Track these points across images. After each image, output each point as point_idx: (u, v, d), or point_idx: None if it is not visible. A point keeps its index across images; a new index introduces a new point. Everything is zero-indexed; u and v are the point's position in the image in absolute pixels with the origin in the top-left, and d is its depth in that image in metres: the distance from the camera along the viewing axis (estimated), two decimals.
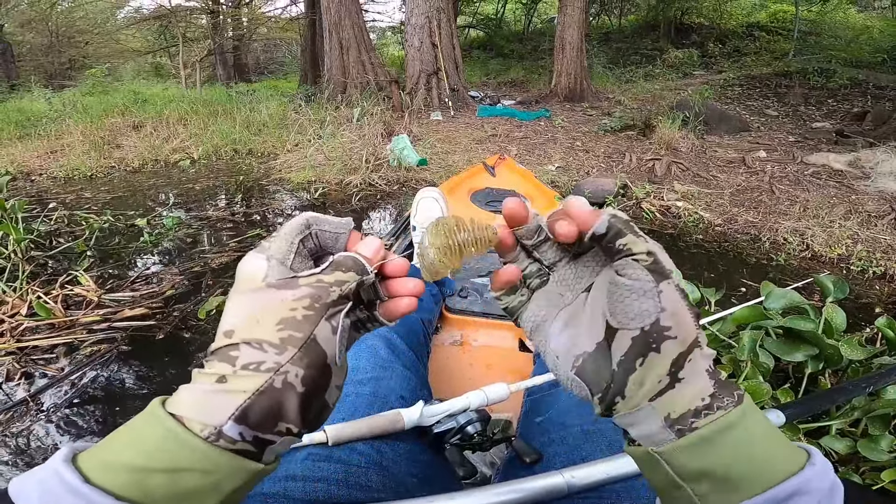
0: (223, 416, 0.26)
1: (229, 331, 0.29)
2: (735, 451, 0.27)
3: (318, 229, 0.34)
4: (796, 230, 2.75)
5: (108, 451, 0.26)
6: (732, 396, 0.27)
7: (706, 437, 0.27)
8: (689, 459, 0.27)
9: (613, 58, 9.87)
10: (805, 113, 6.35)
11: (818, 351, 1.28)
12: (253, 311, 0.29)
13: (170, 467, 0.25)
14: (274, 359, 0.28)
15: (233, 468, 0.27)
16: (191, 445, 0.26)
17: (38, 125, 5.35)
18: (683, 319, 0.28)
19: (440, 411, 0.63)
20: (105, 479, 0.25)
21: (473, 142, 4.77)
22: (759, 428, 0.27)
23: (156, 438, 0.26)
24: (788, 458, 0.27)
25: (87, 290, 2.10)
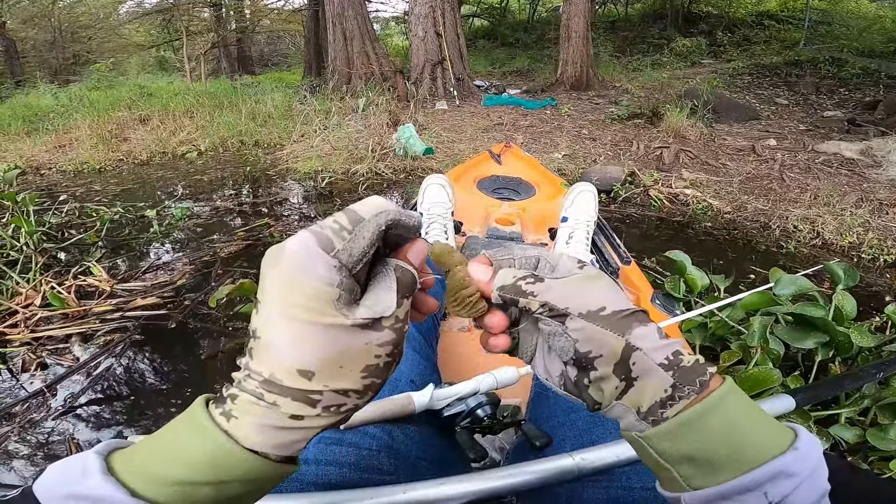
0: (299, 446, 0.28)
1: (307, 372, 0.26)
2: (714, 435, 0.28)
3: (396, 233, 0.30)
4: (807, 218, 2.73)
5: (151, 462, 0.26)
6: (694, 384, 0.29)
7: (682, 423, 0.28)
8: (669, 445, 0.29)
9: (620, 46, 9.74)
10: (816, 102, 6.24)
11: (828, 338, 1.28)
12: (335, 356, 0.27)
13: (217, 479, 0.26)
14: (355, 402, 0.29)
15: (277, 474, 0.28)
16: (240, 459, 0.26)
17: (46, 120, 5.37)
18: (600, 339, 0.31)
19: (450, 394, 0.64)
20: (153, 492, 0.25)
21: (479, 131, 4.74)
22: (740, 412, 0.29)
23: (206, 453, 0.26)
24: (772, 440, 0.28)
25: (99, 281, 2.13)
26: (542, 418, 0.69)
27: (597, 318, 0.31)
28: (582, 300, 0.32)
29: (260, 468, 0.27)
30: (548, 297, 0.32)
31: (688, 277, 1.62)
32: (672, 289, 1.64)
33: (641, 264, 2.00)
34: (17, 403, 1.51)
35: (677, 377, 0.29)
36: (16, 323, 1.86)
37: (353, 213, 0.28)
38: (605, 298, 0.32)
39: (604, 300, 0.31)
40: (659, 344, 0.30)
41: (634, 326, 0.30)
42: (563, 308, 0.32)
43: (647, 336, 0.30)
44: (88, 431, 1.41)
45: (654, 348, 0.30)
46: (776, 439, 0.28)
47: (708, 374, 0.29)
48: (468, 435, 0.63)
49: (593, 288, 0.32)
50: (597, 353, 0.31)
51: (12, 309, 1.92)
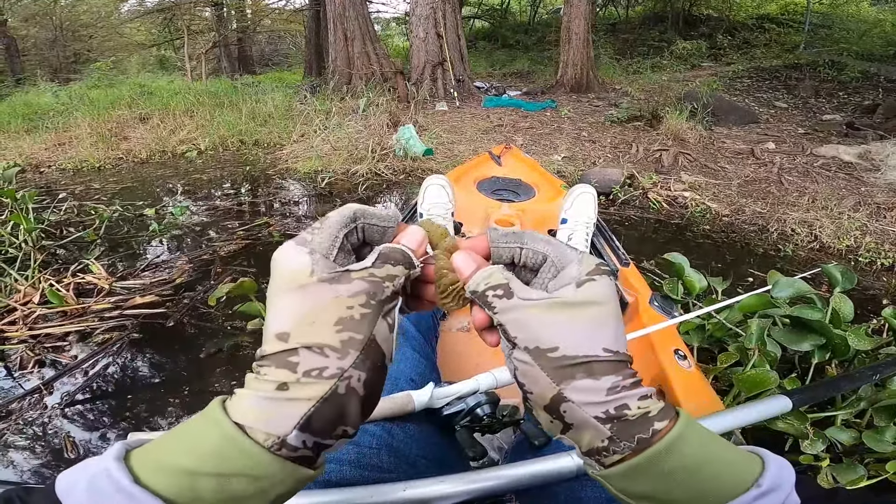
0: (288, 425, 0.26)
1: (283, 333, 0.28)
2: (667, 479, 0.27)
3: (366, 223, 0.33)
4: (805, 221, 2.74)
5: (161, 452, 0.27)
6: (632, 440, 0.28)
7: (633, 468, 0.28)
8: (623, 484, 0.29)
9: (620, 49, 9.76)
10: (815, 105, 6.27)
11: (825, 340, 1.28)
12: (306, 311, 0.28)
13: (221, 472, 0.25)
14: (337, 364, 0.27)
15: (285, 475, 0.27)
16: (249, 453, 0.26)
17: (46, 118, 5.37)
18: (534, 378, 0.29)
19: (450, 393, 0.64)
20: (155, 480, 0.25)
21: (479, 132, 4.75)
22: (696, 453, 0.28)
23: (212, 443, 0.26)
24: (735, 478, 0.27)
25: (98, 278, 2.13)
26: None
27: (541, 358, 0.29)
28: (535, 334, 0.29)
29: (265, 461, 0.26)
30: (503, 319, 0.31)
31: (686, 279, 1.62)
32: (670, 291, 1.65)
33: (640, 266, 2.01)
34: (15, 400, 1.51)
35: (615, 431, 0.28)
36: (14, 320, 1.86)
37: (324, 217, 0.33)
38: (563, 338, 0.29)
39: (560, 340, 0.29)
40: (602, 398, 0.28)
41: (578, 377, 0.28)
42: (513, 336, 0.30)
43: (589, 389, 0.28)
44: (85, 429, 1.41)
45: (592, 402, 0.28)
46: (740, 476, 0.28)
47: (650, 431, 0.28)
48: (468, 434, 0.63)
49: (558, 322, 0.29)
50: (529, 390, 0.30)
51: (11, 306, 1.92)
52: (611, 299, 0.31)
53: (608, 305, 0.30)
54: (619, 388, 0.28)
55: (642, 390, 0.29)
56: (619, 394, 0.28)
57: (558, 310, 0.29)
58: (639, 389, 0.29)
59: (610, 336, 0.29)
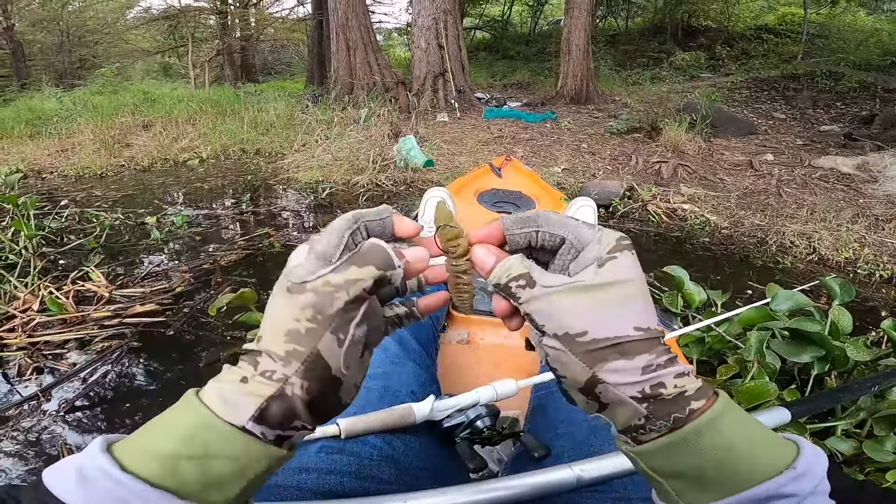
0: (244, 416, 0.28)
1: (259, 336, 0.31)
2: (705, 454, 0.27)
3: (365, 221, 0.34)
4: (803, 233, 2.75)
5: (143, 439, 0.28)
6: (668, 419, 0.28)
7: (670, 444, 0.28)
8: (657, 461, 0.29)
9: (620, 60, 9.85)
10: (813, 116, 6.32)
11: (824, 352, 1.29)
12: (269, 319, 0.31)
13: (201, 454, 0.27)
14: (282, 370, 0.29)
15: (259, 454, 0.28)
16: (221, 433, 0.27)
17: (49, 124, 5.40)
18: (566, 363, 0.29)
19: (450, 406, 0.64)
20: (139, 465, 0.26)
21: (479, 143, 4.78)
22: (734, 432, 0.28)
23: (189, 426, 0.27)
24: (770, 460, 0.28)
25: (98, 286, 2.13)
26: (541, 429, 0.69)
27: (571, 343, 0.29)
28: (562, 320, 0.29)
29: (238, 440, 0.27)
30: (530, 309, 0.30)
31: (685, 292, 1.63)
32: (670, 304, 1.65)
33: None
34: (12, 407, 1.50)
35: (651, 410, 0.28)
36: (13, 327, 1.86)
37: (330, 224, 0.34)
38: (591, 321, 0.29)
39: (588, 324, 0.28)
40: (637, 378, 0.28)
41: (611, 359, 0.28)
42: (541, 325, 0.30)
43: (624, 370, 0.28)
44: (82, 436, 1.40)
45: (627, 383, 0.28)
46: (774, 459, 0.28)
47: (687, 410, 0.28)
48: (468, 446, 0.64)
49: (584, 306, 0.29)
50: (562, 374, 0.30)
51: (10, 313, 1.92)
52: (635, 275, 0.30)
53: (633, 283, 0.29)
54: (653, 366, 0.28)
55: (678, 367, 0.29)
56: (654, 372, 0.28)
57: (582, 294, 0.29)
58: (675, 367, 0.29)
59: (639, 313, 0.29)
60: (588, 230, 0.32)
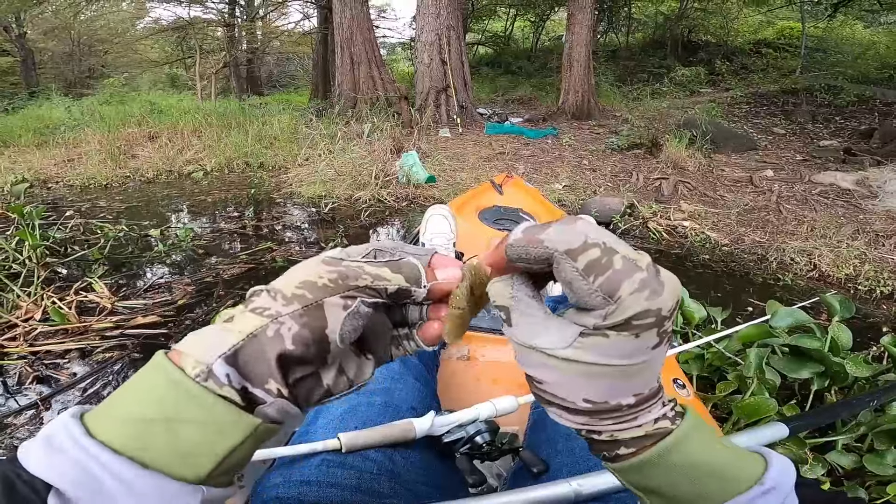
0: (216, 352, 0.26)
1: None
2: (675, 473, 0.28)
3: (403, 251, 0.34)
4: (803, 250, 2.75)
5: (111, 405, 0.26)
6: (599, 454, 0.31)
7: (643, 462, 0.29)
8: (634, 478, 0.30)
9: (621, 75, 9.95)
10: (812, 131, 6.36)
11: (824, 368, 1.29)
12: (291, 272, 0.30)
13: (167, 416, 0.25)
14: (278, 308, 0.28)
15: (230, 420, 0.26)
16: (187, 390, 0.25)
17: (56, 133, 5.45)
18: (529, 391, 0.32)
19: (450, 421, 0.65)
20: (106, 431, 0.25)
21: (481, 159, 4.81)
22: (699, 454, 0.28)
23: (153, 386, 0.26)
24: (738, 476, 0.28)
25: (100, 297, 2.14)
26: (540, 445, 0.70)
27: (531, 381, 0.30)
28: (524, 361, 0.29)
29: (204, 400, 0.25)
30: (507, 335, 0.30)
31: (685, 310, 1.64)
32: None
33: None
34: (11, 415, 1.51)
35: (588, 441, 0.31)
36: (15, 336, 1.87)
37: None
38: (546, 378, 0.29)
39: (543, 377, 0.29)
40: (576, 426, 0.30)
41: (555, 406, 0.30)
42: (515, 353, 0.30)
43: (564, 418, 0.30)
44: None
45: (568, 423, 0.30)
46: (742, 475, 0.28)
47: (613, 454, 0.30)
48: (467, 461, 0.64)
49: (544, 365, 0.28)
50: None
51: (12, 322, 1.93)
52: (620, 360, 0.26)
53: (611, 368, 0.26)
54: (591, 425, 0.29)
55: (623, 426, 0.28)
56: (592, 426, 0.29)
57: (548, 359, 0.27)
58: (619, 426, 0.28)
59: (597, 391, 0.27)
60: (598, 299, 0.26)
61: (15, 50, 10.51)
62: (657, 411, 0.29)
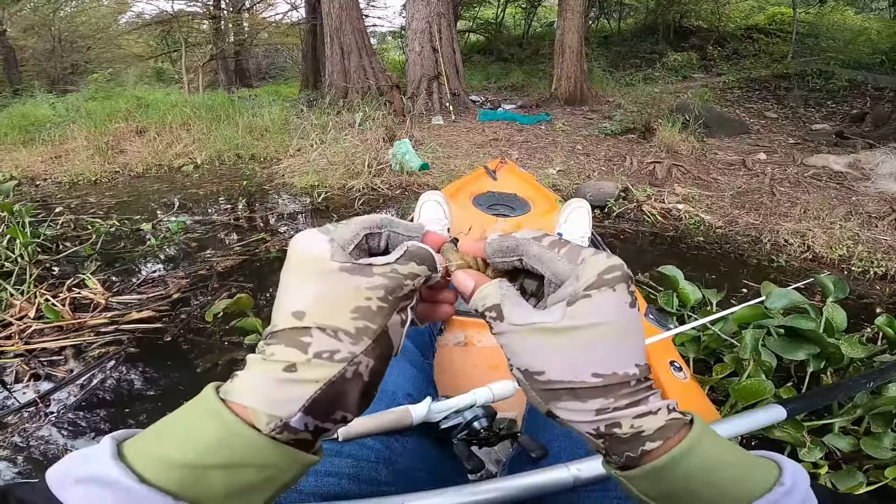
0: (294, 407, 0.26)
1: (299, 312, 0.28)
2: (690, 479, 0.28)
3: (392, 230, 0.35)
4: (797, 232, 2.77)
5: (160, 446, 0.26)
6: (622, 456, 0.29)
7: (656, 468, 0.28)
8: (646, 485, 0.29)
9: (613, 61, 9.89)
10: (804, 115, 6.36)
11: (819, 350, 1.30)
12: (324, 295, 0.29)
13: (228, 463, 0.25)
14: (349, 349, 0.28)
15: (289, 462, 0.27)
16: (251, 441, 0.25)
17: (42, 130, 5.36)
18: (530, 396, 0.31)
19: (447, 407, 0.65)
20: (159, 475, 0.24)
21: (474, 146, 4.79)
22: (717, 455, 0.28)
23: (213, 433, 0.25)
24: (755, 479, 0.28)
25: (94, 293, 2.12)
26: (539, 430, 0.69)
27: (531, 380, 0.30)
28: (524, 358, 0.30)
29: (269, 449, 0.26)
30: (500, 341, 0.31)
31: (681, 292, 1.64)
32: (665, 303, 1.66)
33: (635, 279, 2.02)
34: (10, 414, 1.50)
35: (607, 446, 0.29)
36: (10, 335, 1.85)
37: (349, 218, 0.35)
38: (548, 363, 0.29)
39: (546, 365, 0.29)
40: (590, 419, 0.28)
41: (564, 399, 0.29)
42: (508, 357, 0.31)
43: (577, 410, 0.29)
44: (82, 442, 1.40)
45: (580, 421, 0.29)
46: (761, 477, 0.28)
47: (640, 451, 0.28)
48: (465, 447, 0.64)
49: (542, 347, 0.29)
50: (530, 400, 0.32)
51: (6, 321, 1.91)
52: (610, 317, 0.28)
53: (604, 326, 0.28)
54: (609, 409, 0.28)
55: (640, 409, 0.28)
56: (609, 414, 0.28)
57: (542, 336, 0.29)
58: (636, 408, 0.28)
59: (602, 359, 0.28)
60: (565, 265, 0.30)
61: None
62: (661, 402, 0.29)
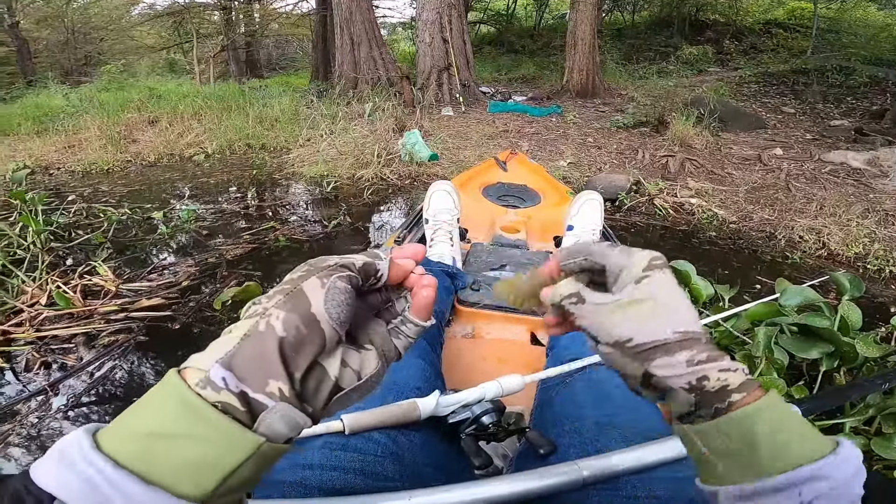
0: (211, 360, 0.27)
1: None
2: (754, 437, 0.31)
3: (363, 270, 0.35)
4: (812, 228, 2.72)
5: (122, 420, 0.27)
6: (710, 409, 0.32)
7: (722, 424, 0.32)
8: (715, 440, 0.32)
9: (626, 54, 9.76)
10: (823, 111, 6.23)
11: (833, 348, 1.27)
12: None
13: (170, 432, 0.25)
14: (264, 305, 0.30)
15: (230, 437, 0.26)
16: (186, 400, 0.26)
17: (56, 120, 5.42)
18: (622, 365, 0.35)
19: (455, 401, 0.64)
20: (113, 446, 0.25)
21: (484, 137, 4.76)
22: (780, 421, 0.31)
23: (162, 401, 0.26)
24: (813, 447, 0.30)
25: (105, 281, 2.14)
26: (547, 426, 0.68)
27: (622, 349, 0.35)
28: (610, 331, 0.35)
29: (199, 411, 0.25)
30: (584, 323, 0.37)
31: (692, 287, 1.61)
32: None
33: None
34: (20, 401, 1.52)
35: (698, 400, 0.33)
36: (21, 322, 1.87)
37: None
38: (633, 330, 0.34)
39: (631, 332, 0.34)
40: (683, 371, 0.33)
41: (656, 357, 0.33)
42: (595, 335, 0.37)
43: (671, 365, 0.33)
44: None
45: (676, 375, 0.33)
46: (818, 446, 0.30)
47: (727, 402, 0.32)
48: (473, 442, 0.63)
49: (626, 318, 0.35)
50: (623, 373, 0.36)
51: (18, 308, 1.94)
52: (668, 290, 0.35)
53: (667, 296, 0.35)
54: (695, 360, 0.33)
55: (723, 364, 0.33)
56: (697, 366, 0.32)
57: (625, 308, 0.35)
58: (718, 363, 0.33)
59: (675, 320, 0.34)
60: (620, 257, 0.38)
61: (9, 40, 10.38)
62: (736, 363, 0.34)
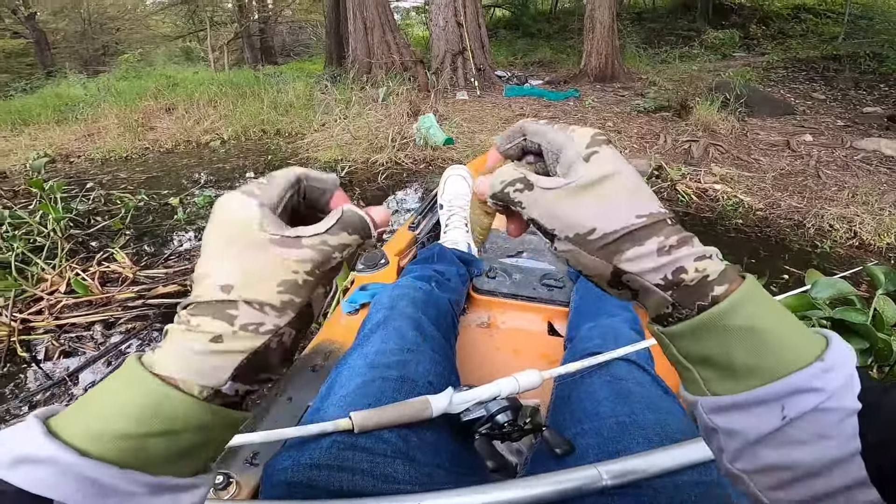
0: (222, 376, 0.27)
1: (226, 286, 0.28)
2: (729, 339, 0.27)
3: (308, 184, 0.34)
4: (843, 217, 2.61)
5: (91, 419, 0.25)
6: (693, 307, 0.28)
7: (692, 326, 0.28)
8: (686, 343, 0.29)
9: (647, 38, 9.48)
10: (855, 97, 5.98)
11: (868, 345, 1.21)
12: (252, 268, 0.29)
13: (167, 430, 0.25)
14: (274, 321, 0.28)
15: (225, 422, 0.28)
16: (186, 405, 0.26)
17: (75, 109, 5.51)
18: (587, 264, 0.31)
19: (469, 399, 0.60)
20: (99, 448, 0.24)
21: (500, 121, 4.69)
22: (758, 318, 0.27)
23: (148, 404, 0.25)
24: (798, 350, 0.26)
25: (122, 267, 2.16)
26: (564, 424, 0.65)
27: (584, 243, 0.30)
28: (569, 221, 0.30)
29: (202, 412, 0.26)
30: (534, 214, 0.31)
31: None
32: None
33: None
34: (40, 391, 1.54)
35: (676, 297, 0.28)
36: (40, 310, 1.90)
37: (270, 175, 0.33)
38: (595, 217, 0.29)
39: (593, 220, 0.29)
40: (657, 263, 0.28)
41: (625, 249, 0.29)
42: (550, 229, 0.31)
43: (639, 256, 0.29)
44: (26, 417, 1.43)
45: (649, 269, 0.29)
46: (803, 350, 0.26)
47: (710, 297, 0.28)
48: (487, 443, 0.60)
49: (584, 203, 0.30)
50: (588, 273, 0.31)
51: (37, 296, 1.96)
52: (621, 165, 0.31)
53: (622, 173, 0.30)
54: (666, 247, 0.29)
55: (697, 249, 0.29)
56: (669, 254, 0.28)
57: (581, 192, 0.30)
58: (693, 248, 0.29)
59: (636, 201, 0.30)
60: (557, 133, 0.33)
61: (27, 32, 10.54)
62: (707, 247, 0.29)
